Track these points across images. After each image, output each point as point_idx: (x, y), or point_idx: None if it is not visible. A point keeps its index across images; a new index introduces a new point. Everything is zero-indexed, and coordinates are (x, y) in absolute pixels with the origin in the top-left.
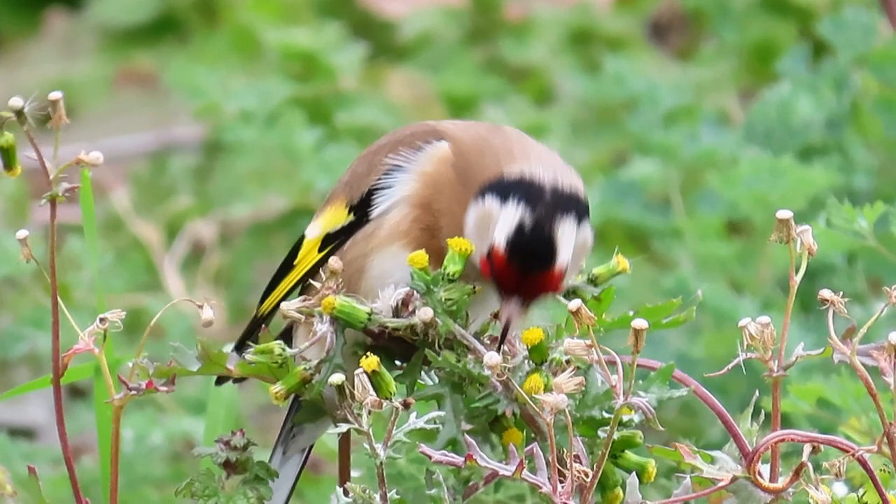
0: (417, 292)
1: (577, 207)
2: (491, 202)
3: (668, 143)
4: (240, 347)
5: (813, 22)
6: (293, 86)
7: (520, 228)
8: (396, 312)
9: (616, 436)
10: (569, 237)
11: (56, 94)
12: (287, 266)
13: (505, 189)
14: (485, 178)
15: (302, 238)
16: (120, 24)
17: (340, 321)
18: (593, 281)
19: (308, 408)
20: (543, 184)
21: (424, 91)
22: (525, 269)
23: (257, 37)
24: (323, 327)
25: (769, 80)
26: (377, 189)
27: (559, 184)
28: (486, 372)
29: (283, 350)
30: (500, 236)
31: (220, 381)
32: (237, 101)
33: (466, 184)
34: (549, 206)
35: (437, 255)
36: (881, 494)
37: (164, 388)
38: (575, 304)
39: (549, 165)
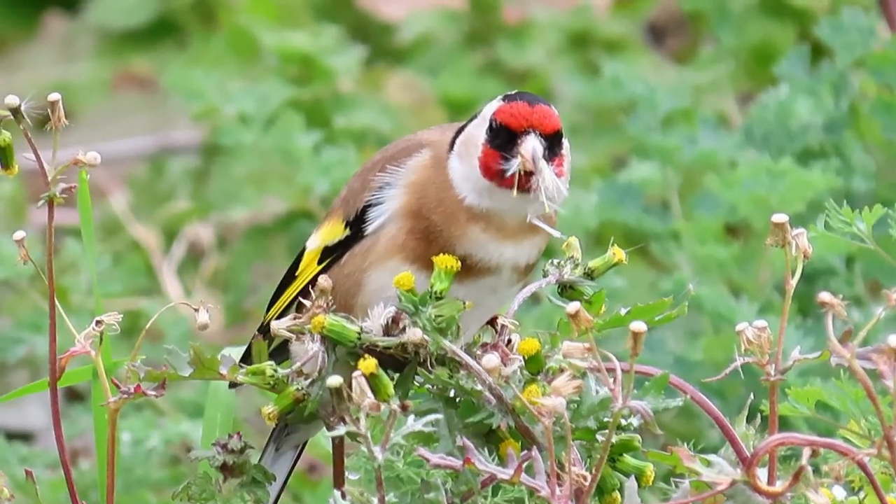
0: (406, 313)
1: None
2: (471, 124)
3: (667, 145)
4: (247, 357)
5: (811, 25)
6: (291, 89)
7: (508, 95)
8: (387, 330)
9: (614, 439)
10: None
11: (55, 96)
12: (290, 277)
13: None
14: None
15: (304, 250)
16: (118, 27)
17: (331, 339)
18: (590, 274)
19: (301, 411)
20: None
21: (423, 94)
22: (530, 102)
23: (255, 39)
24: (314, 346)
25: (767, 82)
26: (370, 205)
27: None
28: (479, 387)
29: (275, 371)
30: (494, 104)
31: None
32: (235, 104)
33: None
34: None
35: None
36: (880, 497)
37: (154, 393)
38: (573, 307)
39: None
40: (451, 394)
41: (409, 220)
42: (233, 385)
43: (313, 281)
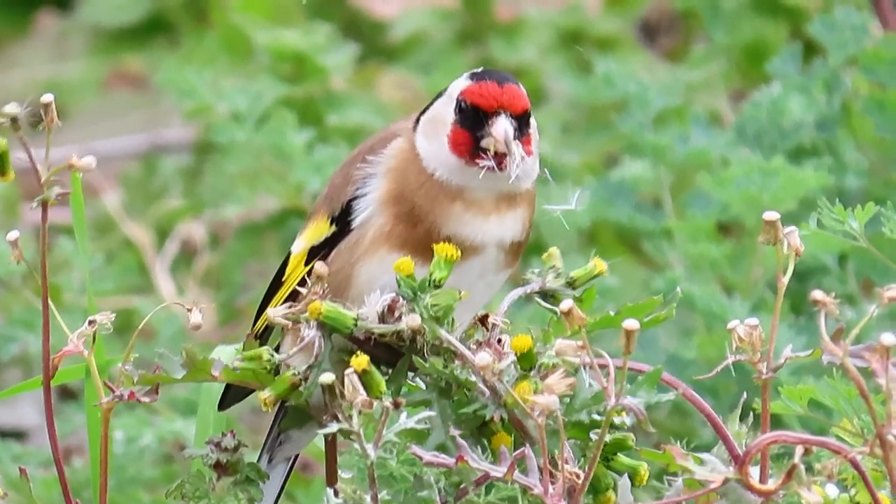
0: (404, 298)
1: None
2: (437, 102)
3: (659, 143)
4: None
5: (804, 23)
6: (284, 87)
7: (475, 73)
8: (382, 318)
9: (608, 438)
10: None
11: (48, 97)
12: (277, 283)
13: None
14: None
15: (289, 255)
16: (110, 25)
17: (327, 327)
18: (571, 283)
19: (294, 413)
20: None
21: (415, 92)
22: (499, 81)
23: (248, 37)
24: (310, 333)
25: (760, 80)
26: (355, 199)
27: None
28: (473, 378)
29: (272, 356)
30: (462, 82)
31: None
32: (228, 102)
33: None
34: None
35: (424, 243)
36: (873, 495)
37: (147, 398)
38: (566, 304)
39: None
40: (445, 385)
41: (394, 206)
42: (222, 407)
43: (302, 283)
